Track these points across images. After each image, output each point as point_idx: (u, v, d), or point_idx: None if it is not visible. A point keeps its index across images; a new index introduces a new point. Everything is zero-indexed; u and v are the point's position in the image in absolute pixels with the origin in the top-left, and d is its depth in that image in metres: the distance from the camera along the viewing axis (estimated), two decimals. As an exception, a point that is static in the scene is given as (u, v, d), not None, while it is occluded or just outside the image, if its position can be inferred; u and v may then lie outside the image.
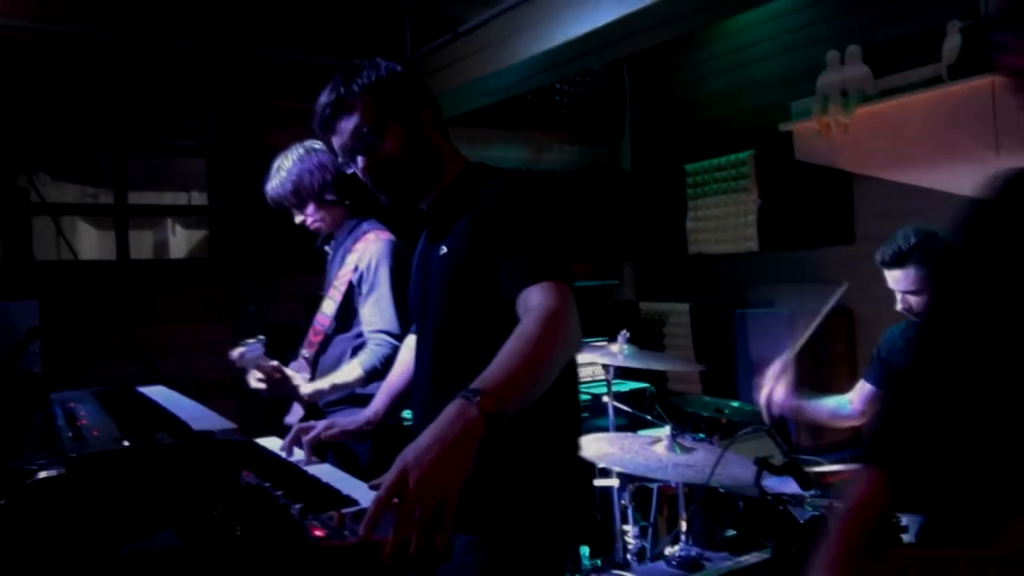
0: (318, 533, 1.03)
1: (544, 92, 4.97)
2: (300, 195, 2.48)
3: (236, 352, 2.26)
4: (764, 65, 4.40)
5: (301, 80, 4.10)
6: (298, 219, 2.55)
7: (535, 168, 5.06)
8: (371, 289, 2.36)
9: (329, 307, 2.45)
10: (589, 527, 3.28)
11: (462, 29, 3.75)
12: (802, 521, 1.77)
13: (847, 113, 3.75)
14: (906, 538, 1.81)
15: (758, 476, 1.93)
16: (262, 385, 2.31)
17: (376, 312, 2.32)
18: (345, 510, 1.12)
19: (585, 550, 3.42)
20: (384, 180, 1.57)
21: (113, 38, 3.70)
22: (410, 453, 1.03)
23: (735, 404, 3.02)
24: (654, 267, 5.30)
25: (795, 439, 3.69)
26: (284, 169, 2.49)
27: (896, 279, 2.26)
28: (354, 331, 2.47)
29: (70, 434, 1.03)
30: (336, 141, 1.59)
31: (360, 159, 1.56)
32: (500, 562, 1.43)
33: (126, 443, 0.98)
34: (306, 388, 2.29)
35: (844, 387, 3.91)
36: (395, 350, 2.19)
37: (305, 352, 2.53)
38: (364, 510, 1.17)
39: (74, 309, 3.64)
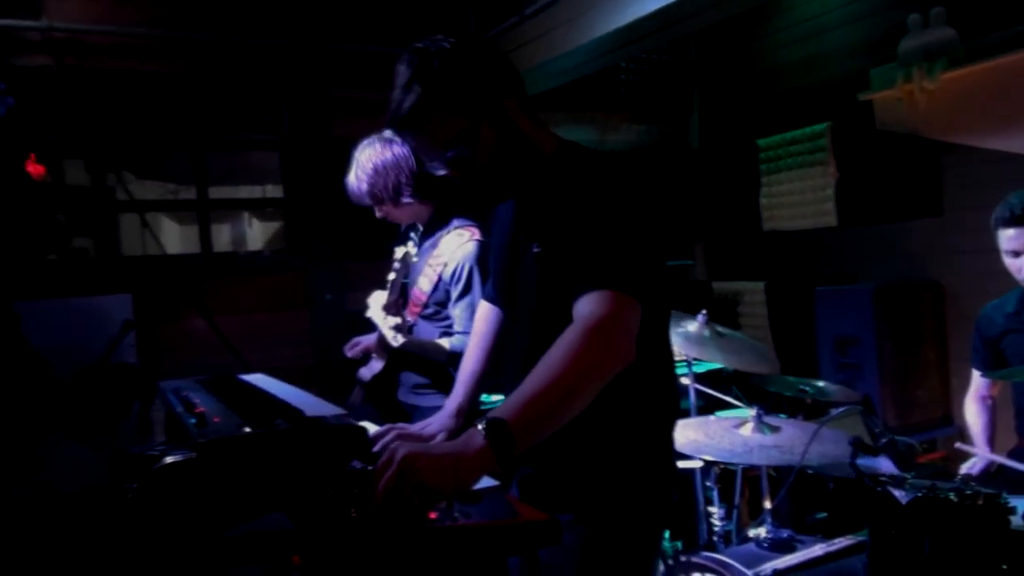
0: (430, 516, 1.05)
1: (609, 71, 4.90)
2: (376, 194, 2.50)
3: (400, 251, 2.37)
4: (839, 33, 4.24)
5: (366, 69, 4.15)
6: (379, 214, 2.59)
7: (601, 150, 5.01)
8: (462, 294, 2.42)
9: (425, 284, 2.52)
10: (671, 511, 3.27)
11: (528, 11, 3.73)
12: (903, 503, 1.72)
13: (932, 79, 3.59)
14: (1015, 521, 1.74)
15: (853, 456, 1.88)
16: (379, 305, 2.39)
17: (468, 315, 2.36)
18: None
19: (666, 534, 3.41)
20: (475, 182, 1.47)
21: (191, 39, 3.81)
22: (410, 447, 1.05)
23: (819, 384, 2.94)
24: (727, 246, 5.20)
25: (883, 419, 3.58)
26: (360, 166, 2.50)
27: (1009, 237, 2.35)
28: (442, 322, 2.53)
29: (193, 421, 1.07)
30: (419, 146, 1.46)
31: (449, 166, 1.45)
32: (597, 541, 1.43)
33: (247, 429, 1.01)
34: (402, 339, 2.37)
35: (933, 363, 3.81)
36: None
37: (408, 317, 2.57)
38: (470, 492, 1.18)
39: (161, 301, 3.78)
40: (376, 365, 2.61)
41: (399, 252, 2.37)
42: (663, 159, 5.18)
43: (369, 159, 2.47)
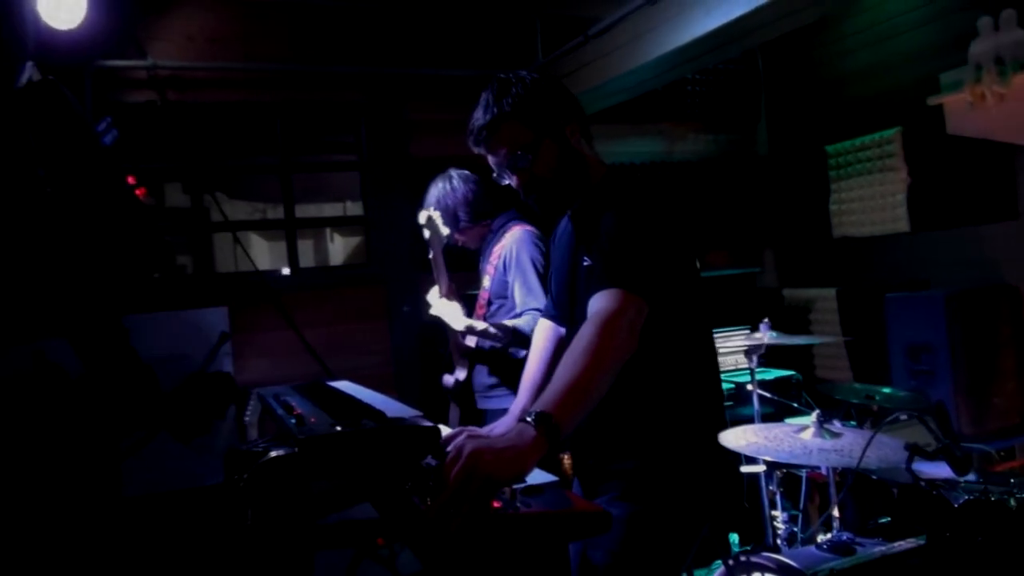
0: (495, 505, 1.20)
1: (675, 83, 4.97)
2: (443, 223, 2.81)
3: (423, 216, 2.61)
4: (907, 38, 4.21)
5: (439, 92, 4.37)
6: (456, 242, 2.91)
7: (669, 160, 5.08)
8: (517, 276, 2.65)
9: (487, 281, 2.78)
10: (737, 514, 3.33)
11: (592, 32, 3.85)
12: (956, 505, 1.77)
13: (1004, 82, 3.54)
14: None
15: (909, 460, 1.93)
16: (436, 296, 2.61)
17: (526, 292, 2.61)
18: (516, 487, 1.28)
19: (735, 537, 3.47)
20: (536, 192, 1.71)
21: (277, 71, 4.10)
22: (476, 442, 1.19)
23: (886, 390, 2.96)
24: (797, 252, 5.19)
25: (957, 426, 3.55)
26: (427, 202, 2.86)
27: None
28: (507, 318, 2.73)
29: (293, 421, 1.25)
30: (491, 159, 1.74)
31: (514, 177, 1.71)
32: (638, 517, 1.58)
33: (338, 428, 1.18)
34: (459, 322, 2.60)
35: (1010, 370, 3.73)
36: None
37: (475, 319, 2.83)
38: (532, 486, 1.33)
39: (253, 313, 4.07)
40: (460, 373, 2.83)
41: (422, 217, 2.60)
42: (731, 167, 5.21)
43: (433, 196, 2.84)
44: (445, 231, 2.65)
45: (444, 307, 2.64)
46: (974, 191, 3.92)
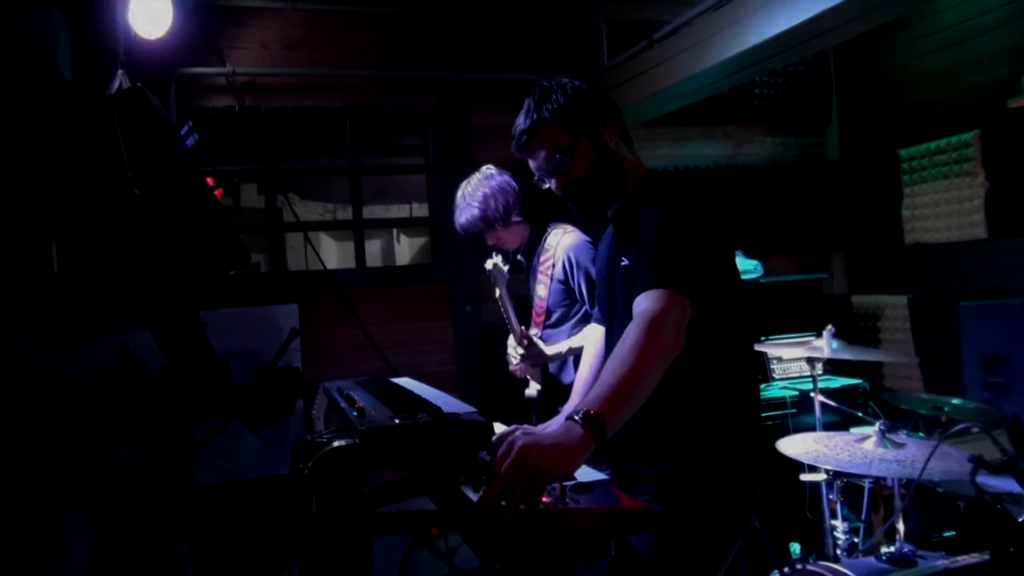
0: (545, 499, 1.24)
1: (743, 85, 4.90)
2: (488, 219, 2.77)
3: (489, 263, 2.59)
4: (986, 39, 4.07)
5: (502, 96, 4.43)
6: (491, 241, 2.84)
7: (735, 164, 5.03)
8: (583, 280, 2.63)
9: (542, 291, 2.75)
10: (798, 523, 3.29)
11: (658, 36, 3.85)
12: (1021, 520, 1.73)
13: (1090, 83, 3.40)
14: None
15: (973, 472, 1.89)
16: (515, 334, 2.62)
17: (588, 289, 2.61)
18: (566, 483, 1.32)
19: (796, 547, 3.42)
20: (575, 194, 1.77)
21: (347, 76, 4.23)
22: (526, 438, 1.22)
23: (956, 401, 2.88)
24: (867, 258, 5.06)
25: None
26: (468, 197, 2.79)
27: None
28: (567, 326, 2.73)
29: (355, 413, 1.32)
30: (532, 163, 1.81)
31: (554, 179, 1.77)
32: (676, 523, 1.59)
33: (396, 421, 1.25)
34: (549, 349, 2.60)
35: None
36: None
37: (534, 330, 2.81)
38: (581, 484, 1.37)
39: (321, 312, 4.21)
40: (535, 386, 2.84)
41: (488, 265, 2.58)
42: (800, 171, 5.12)
43: (477, 188, 2.78)
44: (505, 269, 2.60)
45: (530, 353, 2.64)
46: (1057, 197, 3.77)
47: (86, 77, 3.49)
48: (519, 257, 2.94)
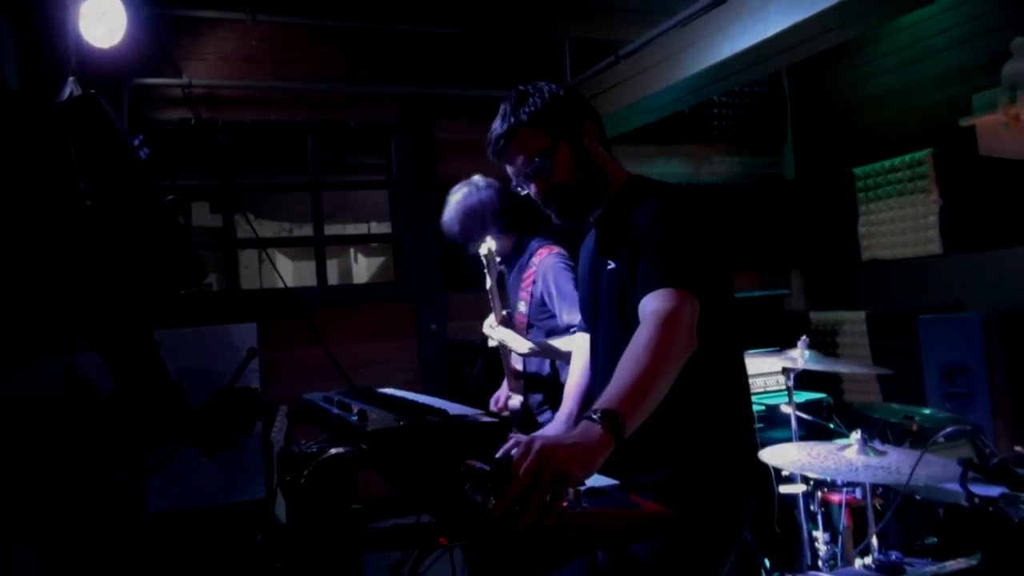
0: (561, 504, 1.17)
1: (702, 105, 4.99)
2: (467, 232, 2.79)
3: (484, 248, 2.57)
4: (938, 60, 4.21)
5: (466, 111, 4.40)
6: (471, 251, 2.85)
7: (696, 182, 5.09)
8: (558, 299, 2.62)
9: (522, 307, 2.78)
10: (769, 538, 3.27)
11: (623, 52, 3.88)
12: (1017, 521, 1.73)
13: (1038, 103, 3.53)
14: None
15: (964, 476, 1.89)
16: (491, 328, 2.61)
17: (568, 311, 2.58)
18: (580, 488, 1.26)
19: (766, 561, 3.40)
20: (555, 200, 1.72)
21: (308, 90, 4.15)
22: (544, 439, 1.16)
23: (926, 411, 2.92)
24: (825, 275, 5.15)
25: (995, 448, 3.48)
26: (452, 209, 2.83)
27: None
28: (542, 335, 2.72)
29: (355, 418, 1.24)
30: (509, 168, 1.75)
31: (533, 185, 1.72)
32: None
33: (402, 423, 1.17)
34: (523, 344, 2.57)
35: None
36: None
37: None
38: (594, 489, 1.31)
39: (280, 331, 4.07)
40: (517, 399, 2.81)
41: (482, 250, 2.59)
42: (758, 190, 5.21)
43: (459, 203, 2.82)
44: (497, 259, 2.63)
45: (503, 333, 2.64)
46: (1008, 212, 3.89)
47: (34, 85, 3.33)
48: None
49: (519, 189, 1.77)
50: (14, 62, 3.23)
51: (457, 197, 2.85)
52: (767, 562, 3.35)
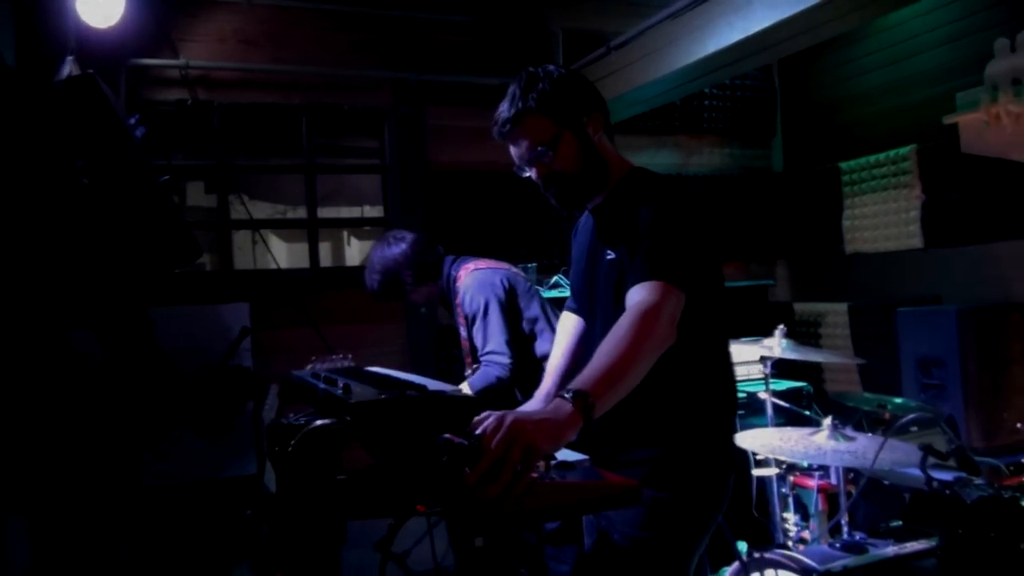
0: (532, 475, 1.25)
1: (692, 97, 5.05)
2: (387, 291, 2.87)
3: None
4: (924, 58, 4.29)
5: (459, 98, 4.45)
6: (412, 301, 2.93)
7: (685, 173, 5.16)
8: (475, 318, 2.69)
9: (463, 331, 2.84)
10: (746, 522, 3.36)
11: (614, 44, 3.93)
12: (969, 502, 1.82)
13: (1020, 102, 3.61)
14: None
15: (923, 460, 1.98)
16: None
17: (482, 336, 2.65)
18: (552, 461, 1.34)
19: (743, 545, 3.50)
20: (555, 186, 1.75)
21: (305, 74, 4.19)
22: (516, 414, 1.24)
23: (898, 400, 3.00)
24: (809, 267, 5.24)
25: (967, 439, 3.58)
26: (369, 264, 2.89)
27: None
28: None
29: (340, 392, 1.31)
30: (513, 150, 1.77)
31: (534, 169, 1.75)
32: (660, 502, 1.62)
33: (384, 396, 1.24)
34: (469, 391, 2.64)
35: (1021, 386, 3.77)
36: (504, 366, 2.57)
37: (467, 372, 2.88)
38: (564, 462, 1.39)
39: (273, 311, 4.14)
40: None
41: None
42: (746, 182, 5.28)
43: (377, 260, 2.86)
44: None
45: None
46: (987, 209, 3.98)
47: (32, 64, 3.37)
48: (422, 310, 3.03)
49: (520, 172, 1.79)
50: (12, 40, 3.27)
51: (375, 254, 2.90)
52: (744, 546, 3.45)
